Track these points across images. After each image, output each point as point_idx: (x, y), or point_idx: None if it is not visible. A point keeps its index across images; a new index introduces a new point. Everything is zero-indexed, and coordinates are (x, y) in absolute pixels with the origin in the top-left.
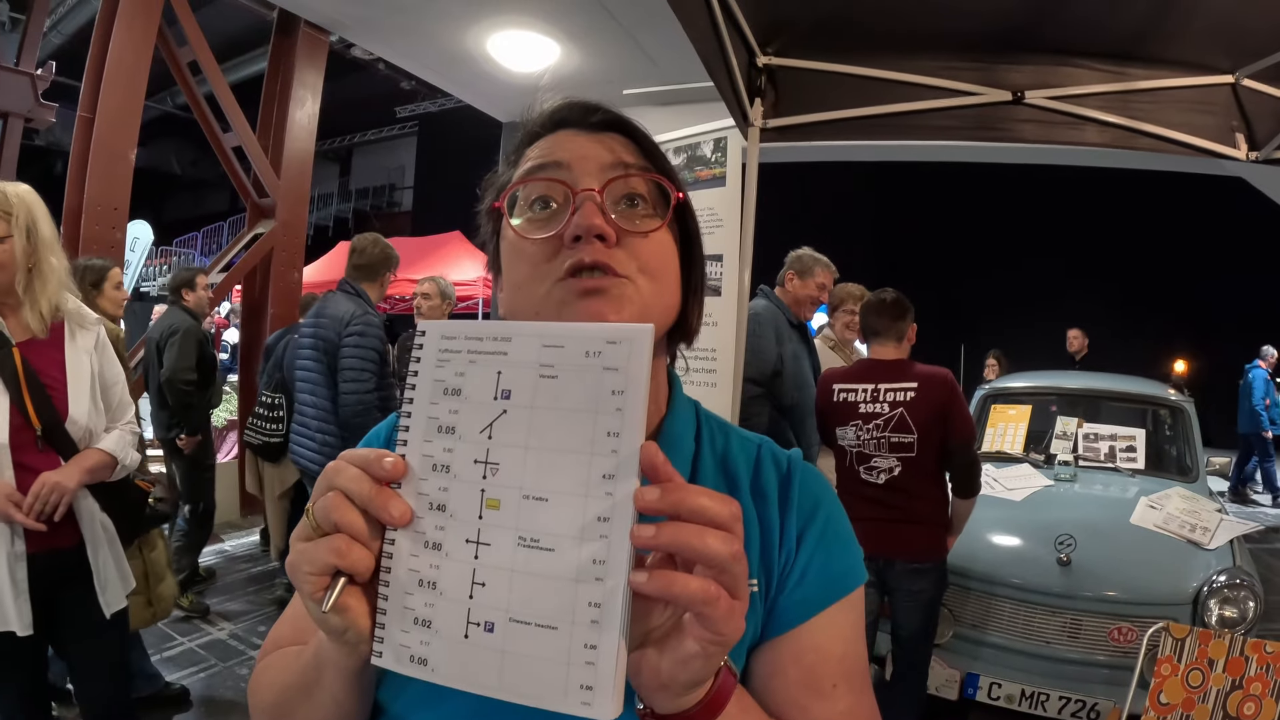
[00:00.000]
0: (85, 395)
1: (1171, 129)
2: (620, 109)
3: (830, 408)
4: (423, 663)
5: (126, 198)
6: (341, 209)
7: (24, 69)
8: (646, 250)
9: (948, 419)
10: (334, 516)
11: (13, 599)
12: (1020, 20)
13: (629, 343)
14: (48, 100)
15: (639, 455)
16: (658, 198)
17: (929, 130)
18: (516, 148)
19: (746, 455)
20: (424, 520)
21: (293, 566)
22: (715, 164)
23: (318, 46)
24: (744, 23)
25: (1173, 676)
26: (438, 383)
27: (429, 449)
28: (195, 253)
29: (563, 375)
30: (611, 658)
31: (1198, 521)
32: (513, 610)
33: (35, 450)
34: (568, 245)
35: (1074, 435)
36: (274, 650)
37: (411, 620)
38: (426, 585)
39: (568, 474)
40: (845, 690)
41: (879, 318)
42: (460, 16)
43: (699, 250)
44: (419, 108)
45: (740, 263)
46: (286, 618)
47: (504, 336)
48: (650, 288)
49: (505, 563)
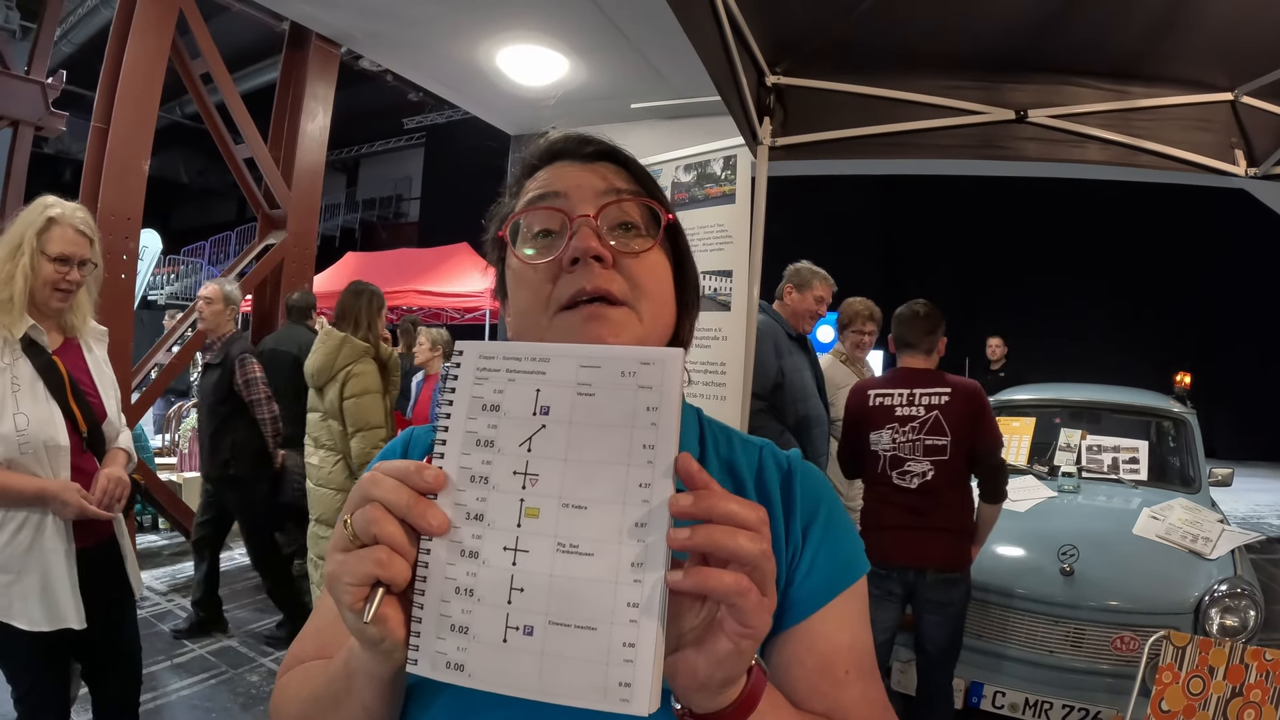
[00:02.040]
0: (113, 400)
1: (1172, 146)
2: (628, 124)
3: (866, 412)
4: (459, 668)
5: (140, 208)
6: (349, 219)
7: (35, 77)
8: (641, 271)
9: (978, 424)
10: (374, 529)
11: (70, 595)
12: (1023, 41)
13: (661, 364)
14: (58, 109)
15: (674, 465)
16: (649, 221)
17: (934, 149)
18: (517, 179)
19: (749, 458)
20: (461, 530)
21: (333, 578)
22: (725, 181)
23: (329, 59)
24: (753, 43)
25: (1174, 684)
26: (476, 399)
27: (467, 461)
28: (203, 262)
29: (600, 393)
30: (649, 655)
31: (1199, 532)
32: (552, 613)
33: (80, 452)
34: (566, 269)
35: (1077, 447)
36: (297, 665)
37: (448, 627)
38: (464, 592)
39: (606, 483)
40: (857, 676)
41: (912, 330)
42: (470, 31)
43: (691, 269)
44: (426, 119)
45: (750, 278)
46: (307, 634)
47: (542, 357)
48: (648, 310)
49: (544, 568)
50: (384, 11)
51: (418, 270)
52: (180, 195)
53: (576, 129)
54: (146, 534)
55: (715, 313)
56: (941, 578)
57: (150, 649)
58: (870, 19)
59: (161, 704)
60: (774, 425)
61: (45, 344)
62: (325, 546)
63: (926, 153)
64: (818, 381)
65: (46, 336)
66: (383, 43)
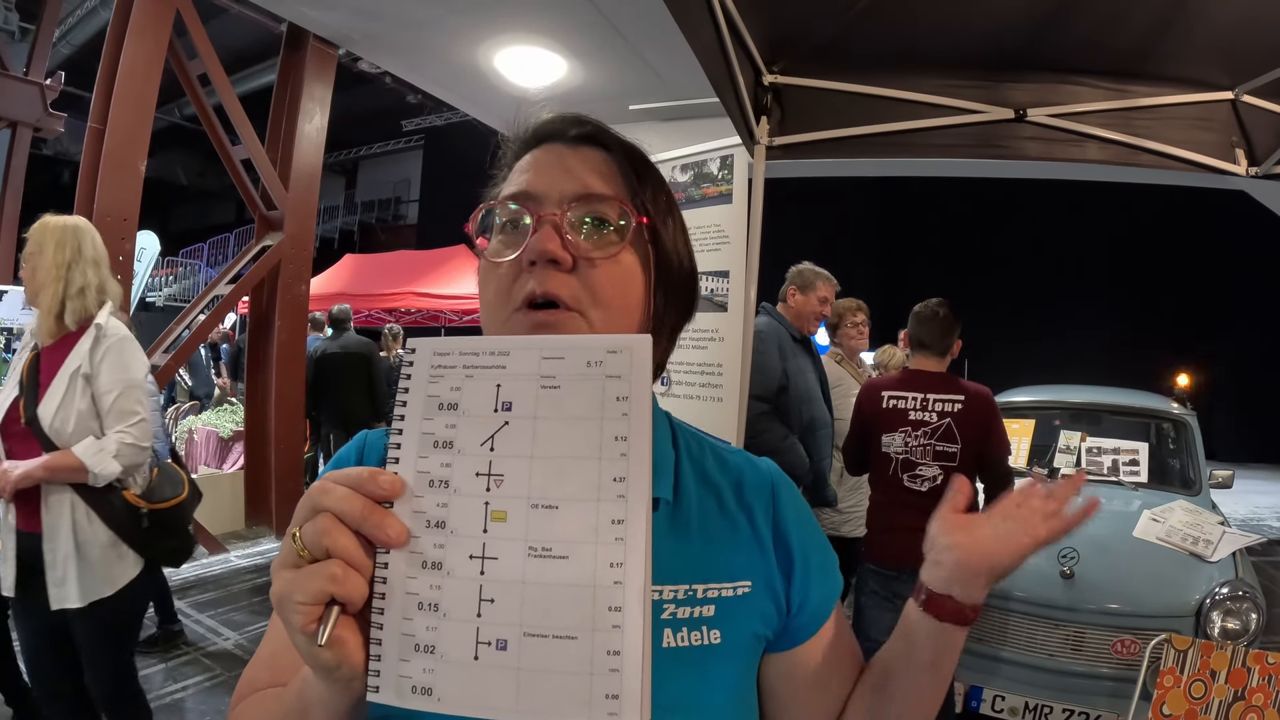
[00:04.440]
0: (57, 397)
1: (1172, 145)
2: (626, 125)
3: (879, 414)
4: (427, 692)
5: (136, 209)
6: (347, 221)
7: (33, 78)
8: (600, 278)
9: (988, 432)
10: (325, 541)
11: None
12: (1022, 39)
13: (629, 351)
14: (56, 110)
15: (648, 475)
16: (623, 220)
17: (933, 148)
18: (505, 163)
19: (722, 464)
20: (421, 539)
21: (282, 597)
22: (722, 181)
23: (326, 61)
24: (750, 42)
25: (1175, 688)
26: (431, 398)
27: (424, 465)
28: (201, 263)
29: (565, 385)
30: (637, 662)
31: (1200, 534)
32: (527, 624)
33: (20, 439)
34: (526, 268)
35: (1077, 449)
36: (250, 694)
37: (412, 647)
38: (427, 608)
39: (577, 480)
40: (850, 662)
41: (930, 331)
42: (468, 33)
43: (673, 277)
44: (425, 121)
45: (746, 279)
46: (260, 659)
47: (501, 350)
48: (600, 318)
49: (515, 575)
50: (382, 13)
51: (416, 272)
52: (178, 197)
53: (568, 110)
54: None
55: (712, 314)
56: None
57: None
58: (868, 18)
59: (156, 706)
60: (778, 428)
61: (35, 337)
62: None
63: (925, 152)
64: (821, 384)
65: (47, 328)
66: (381, 44)
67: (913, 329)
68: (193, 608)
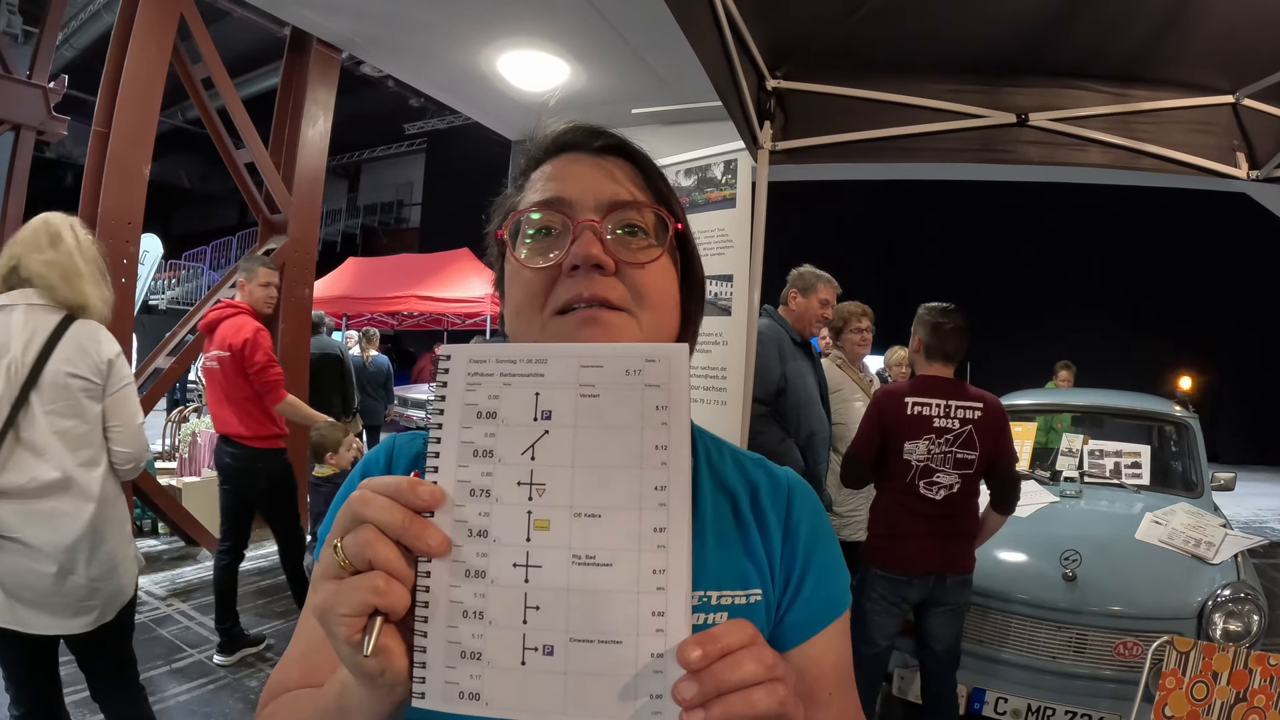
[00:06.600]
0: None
1: (1173, 149)
2: (628, 129)
3: (903, 420)
4: (474, 697)
5: (140, 212)
6: (350, 225)
7: (36, 81)
8: (645, 281)
9: (1000, 440)
10: (368, 553)
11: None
12: (1023, 44)
13: (667, 360)
14: (59, 113)
15: (688, 482)
16: (657, 226)
17: (935, 152)
18: (523, 170)
19: (742, 473)
20: (463, 548)
21: (325, 609)
22: (725, 185)
23: (330, 64)
24: (754, 47)
25: (1177, 690)
26: (469, 406)
27: (464, 474)
28: (204, 267)
29: (604, 394)
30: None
31: (1202, 536)
32: (573, 630)
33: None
34: (566, 274)
35: (1079, 452)
36: (281, 693)
37: (458, 654)
38: (473, 615)
39: (619, 488)
40: (838, 695)
41: (948, 340)
42: (471, 37)
43: (698, 275)
44: (427, 124)
45: (750, 283)
46: (291, 659)
47: (539, 358)
48: (649, 319)
49: (560, 582)
50: (385, 17)
51: (418, 276)
52: (181, 200)
53: (585, 121)
54: (146, 538)
55: (716, 317)
56: (960, 579)
57: (149, 654)
58: (870, 23)
59: (160, 709)
60: (775, 431)
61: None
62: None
63: (927, 156)
64: (821, 389)
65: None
66: (384, 48)
67: (932, 340)
68: (196, 610)
